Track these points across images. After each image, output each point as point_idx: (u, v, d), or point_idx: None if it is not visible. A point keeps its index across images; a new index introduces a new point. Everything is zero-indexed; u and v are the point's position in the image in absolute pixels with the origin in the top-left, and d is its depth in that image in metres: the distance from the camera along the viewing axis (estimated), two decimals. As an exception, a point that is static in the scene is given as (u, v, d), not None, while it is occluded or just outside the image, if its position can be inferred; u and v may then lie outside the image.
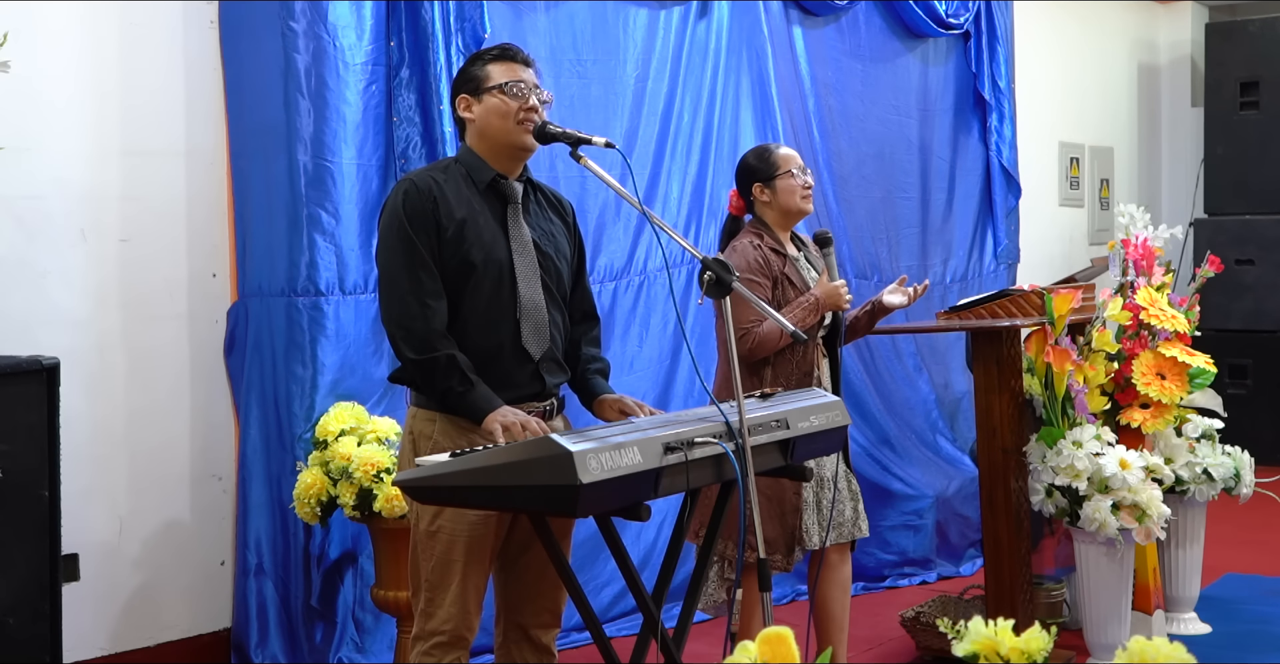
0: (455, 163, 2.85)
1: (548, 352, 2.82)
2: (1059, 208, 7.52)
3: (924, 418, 5.88)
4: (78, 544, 3.63)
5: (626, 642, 3.26)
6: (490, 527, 2.73)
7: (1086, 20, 7.73)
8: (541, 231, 2.86)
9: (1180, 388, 4.10)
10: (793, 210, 3.59)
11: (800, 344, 3.39)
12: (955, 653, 1.86)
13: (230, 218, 4.05)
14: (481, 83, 2.80)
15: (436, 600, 2.73)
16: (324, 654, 3.89)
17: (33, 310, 3.60)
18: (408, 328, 2.69)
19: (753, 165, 3.63)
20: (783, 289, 3.51)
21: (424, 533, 2.74)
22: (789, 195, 3.57)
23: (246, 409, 3.99)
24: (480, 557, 2.74)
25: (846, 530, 3.58)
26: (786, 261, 3.55)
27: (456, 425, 2.73)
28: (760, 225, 3.61)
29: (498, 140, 2.80)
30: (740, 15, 5.11)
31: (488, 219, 2.78)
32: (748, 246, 3.54)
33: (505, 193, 2.82)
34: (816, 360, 3.56)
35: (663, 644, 2.61)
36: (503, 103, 2.77)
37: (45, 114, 3.65)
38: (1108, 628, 3.92)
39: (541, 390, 2.82)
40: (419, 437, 2.78)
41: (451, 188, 2.77)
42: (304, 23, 3.88)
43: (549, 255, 2.85)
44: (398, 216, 2.73)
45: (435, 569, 2.73)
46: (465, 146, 2.86)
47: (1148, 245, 4.40)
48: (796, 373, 3.50)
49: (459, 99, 2.84)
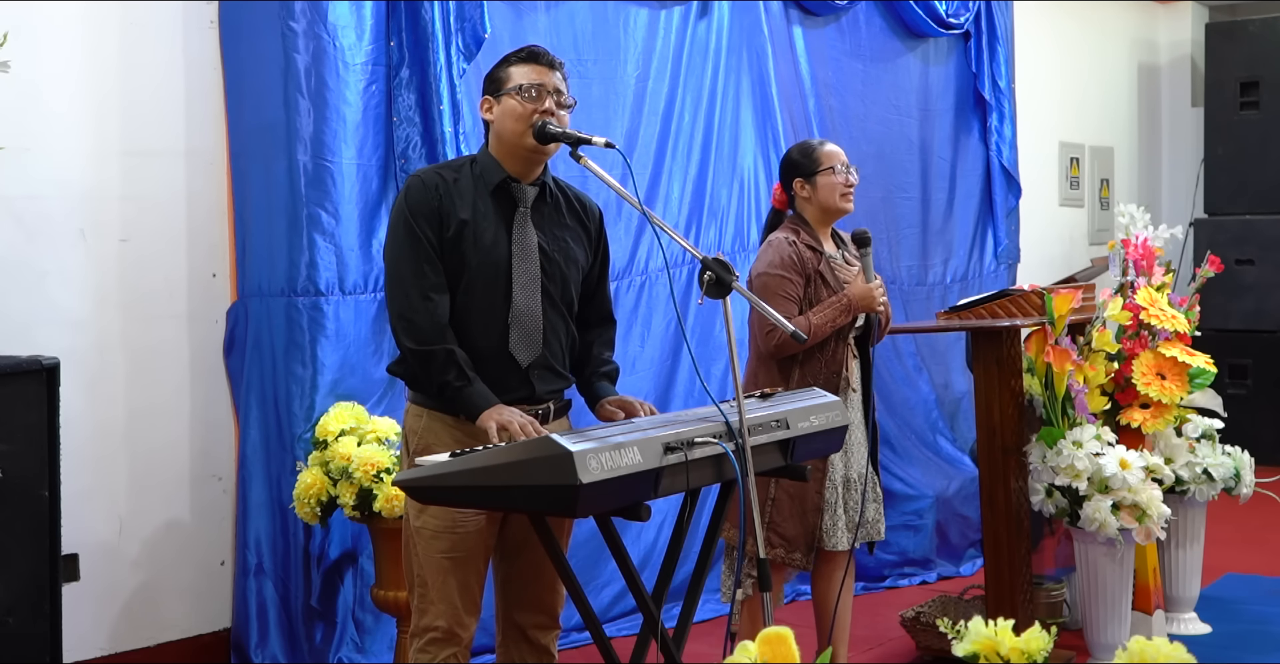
0: (472, 163, 2.84)
1: (539, 359, 2.79)
2: (1059, 208, 7.52)
3: (924, 418, 5.89)
4: (78, 544, 3.63)
5: (626, 642, 3.26)
6: (480, 522, 2.73)
7: (1086, 20, 7.73)
8: (552, 237, 2.84)
9: (1180, 388, 4.10)
10: (832, 208, 3.57)
11: (800, 343, 3.39)
12: (955, 653, 1.87)
13: (230, 218, 4.05)
14: (503, 84, 2.80)
15: (429, 597, 2.73)
16: (324, 654, 3.89)
17: (33, 310, 3.60)
18: (410, 319, 2.70)
19: (796, 160, 3.62)
20: (815, 287, 3.49)
21: (414, 529, 2.75)
22: (829, 192, 3.55)
23: (246, 409, 3.99)
24: (471, 552, 2.74)
25: (865, 532, 3.59)
26: (822, 259, 3.53)
27: (442, 422, 2.74)
28: (799, 221, 3.60)
29: (509, 142, 2.79)
30: (740, 15, 5.11)
31: (492, 221, 2.77)
32: (783, 242, 3.53)
33: (514, 196, 2.80)
34: (846, 361, 3.54)
35: (663, 644, 2.61)
36: (518, 105, 2.77)
37: (45, 114, 3.65)
38: (1108, 628, 3.92)
39: (531, 395, 2.79)
40: (409, 432, 2.81)
41: (461, 187, 2.77)
42: (304, 23, 3.88)
43: (556, 261, 2.82)
44: (403, 210, 2.75)
45: (427, 566, 2.74)
46: (485, 147, 2.86)
47: (1148, 245, 4.40)
48: (825, 372, 3.49)
49: (483, 100, 2.84)
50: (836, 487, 3.52)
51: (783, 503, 3.48)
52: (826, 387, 3.39)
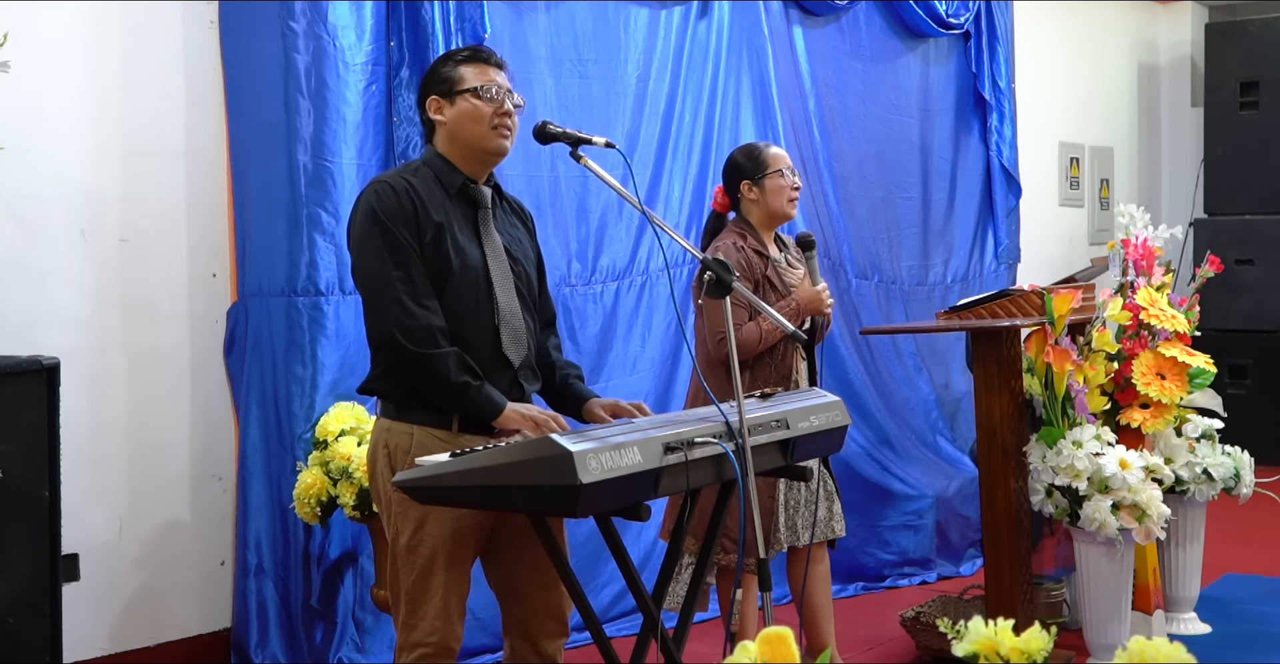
0: (423, 165, 2.78)
1: (526, 358, 2.78)
2: (1059, 208, 7.52)
3: (924, 418, 5.88)
4: (78, 544, 3.63)
5: (626, 642, 3.26)
6: (471, 535, 2.71)
7: (1087, 20, 7.73)
8: (510, 238, 2.83)
9: (1180, 388, 4.10)
10: (778, 212, 3.60)
11: (799, 343, 3.40)
12: (955, 653, 1.87)
13: (230, 218, 4.05)
14: (454, 85, 2.75)
15: (418, 613, 2.69)
16: (324, 654, 3.89)
17: (33, 310, 3.60)
18: (408, 327, 2.61)
19: (741, 163, 3.63)
20: (763, 291, 3.52)
21: (404, 547, 2.70)
22: (776, 195, 3.58)
23: (246, 409, 3.99)
24: (460, 562, 2.71)
25: (820, 530, 3.64)
26: (769, 264, 3.56)
27: (434, 437, 2.68)
28: (744, 225, 3.61)
29: (471, 145, 2.75)
30: (741, 15, 5.11)
31: (461, 224, 2.74)
32: (730, 248, 3.54)
33: (475, 198, 2.77)
34: (795, 363, 3.57)
35: (663, 644, 2.61)
36: (476, 107, 2.73)
37: (45, 114, 3.65)
38: (1108, 628, 3.92)
39: (520, 398, 2.77)
40: (394, 450, 2.70)
41: (424, 191, 2.71)
42: (304, 23, 3.88)
43: (519, 261, 2.82)
44: (375, 217, 2.64)
45: (416, 583, 2.69)
46: (432, 150, 2.80)
47: (1148, 245, 4.40)
48: (775, 375, 3.52)
49: (429, 100, 2.78)
50: (784, 487, 3.57)
51: (733, 507, 3.48)
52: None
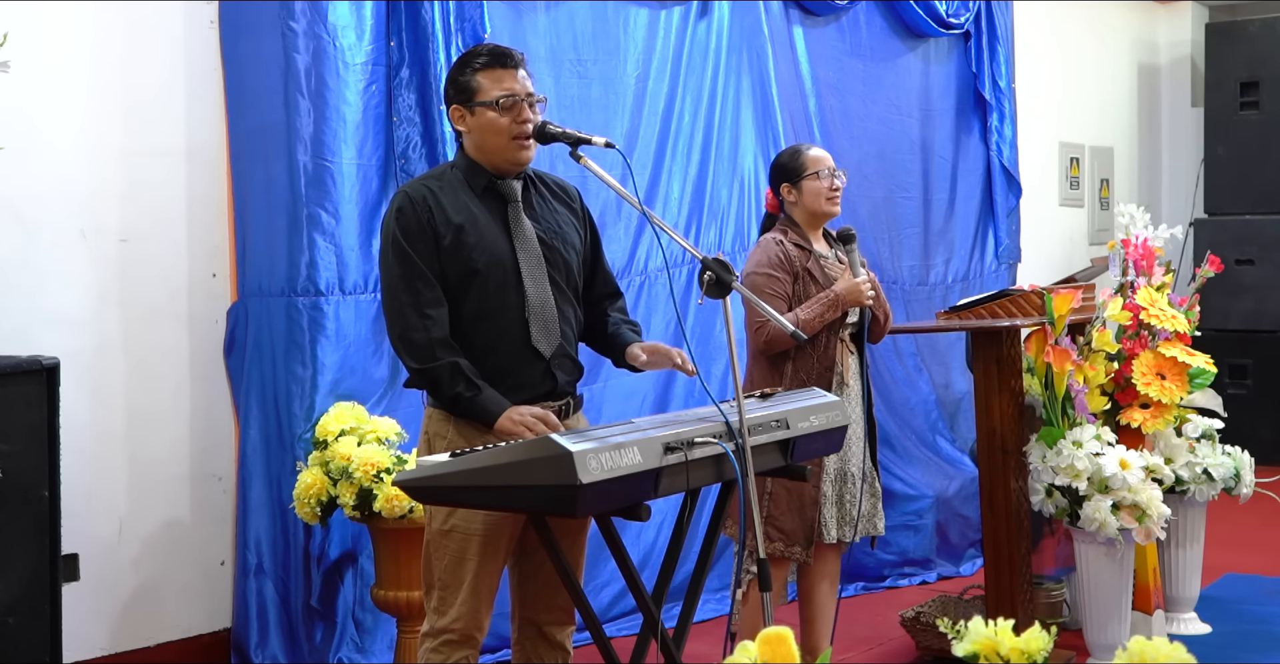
0: (452, 168, 2.87)
1: (559, 349, 2.83)
2: (1059, 208, 7.52)
3: (924, 418, 5.88)
4: (78, 544, 3.63)
5: (626, 642, 3.26)
6: (505, 524, 2.74)
7: (1087, 20, 7.73)
8: (547, 225, 2.87)
9: (1180, 388, 4.10)
10: (818, 212, 3.65)
11: (800, 342, 3.40)
12: (955, 653, 1.87)
13: (230, 218, 4.05)
14: (473, 95, 2.79)
15: (449, 599, 2.73)
16: (324, 654, 3.89)
17: (33, 310, 3.60)
18: (409, 340, 2.72)
19: (783, 164, 3.70)
20: (804, 284, 3.56)
21: (437, 531, 2.75)
22: (814, 197, 3.63)
23: (246, 409, 3.99)
24: (494, 554, 2.74)
25: (863, 526, 3.63)
26: (811, 257, 3.59)
27: (472, 426, 2.75)
28: (789, 223, 3.67)
29: (495, 155, 2.82)
30: (741, 15, 5.11)
31: (488, 221, 2.79)
32: (770, 242, 3.61)
33: (503, 193, 2.83)
34: (841, 357, 3.57)
35: (663, 644, 2.61)
36: (495, 121, 2.78)
37: (46, 114, 3.65)
38: (1108, 628, 3.92)
39: (554, 389, 2.82)
40: (434, 437, 2.81)
41: (448, 194, 2.79)
42: (304, 23, 3.88)
43: (555, 249, 2.86)
44: (392, 231, 2.77)
45: (448, 568, 2.73)
46: (461, 152, 2.88)
47: (1148, 245, 4.40)
48: (818, 368, 3.53)
49: (452, 109, 2.84)
50: (832, 481, 3.56)
51: (780, 497, 3.51)
52: (819, 382, 3.45)
